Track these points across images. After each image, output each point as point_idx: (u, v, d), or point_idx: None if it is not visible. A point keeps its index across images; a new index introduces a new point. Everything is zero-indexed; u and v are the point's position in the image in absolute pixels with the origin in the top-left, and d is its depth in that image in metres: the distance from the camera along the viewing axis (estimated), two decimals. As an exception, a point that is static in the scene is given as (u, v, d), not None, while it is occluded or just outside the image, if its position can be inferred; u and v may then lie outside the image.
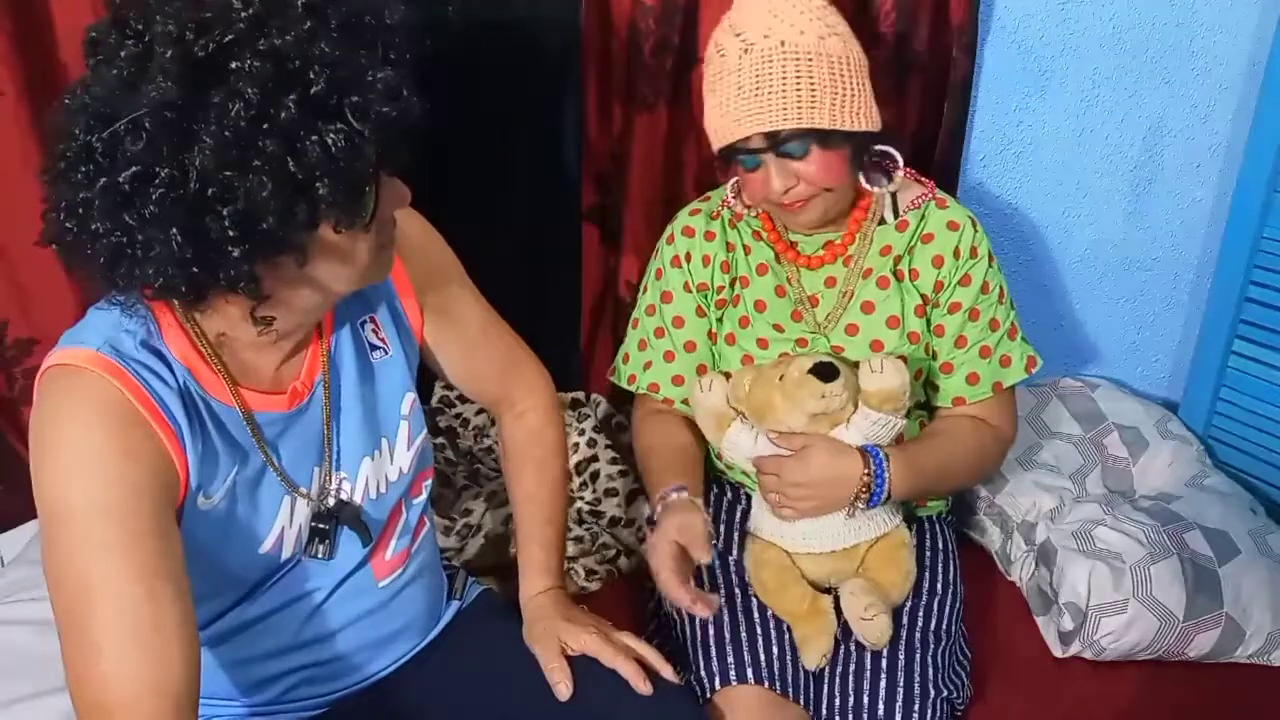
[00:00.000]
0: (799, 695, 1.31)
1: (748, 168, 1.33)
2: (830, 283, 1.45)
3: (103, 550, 0.88)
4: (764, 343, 1.45)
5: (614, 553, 1.66)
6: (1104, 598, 1.48)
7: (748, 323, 1.47)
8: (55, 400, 0.92)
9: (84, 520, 0.89)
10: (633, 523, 1.70)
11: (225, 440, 1.00)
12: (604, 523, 1.72)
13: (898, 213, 1.45)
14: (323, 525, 1.09)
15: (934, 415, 1.50)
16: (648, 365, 1.53)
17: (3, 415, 1.77)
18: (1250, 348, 1.88)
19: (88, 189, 0.82)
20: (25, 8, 1.54)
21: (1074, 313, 2.06)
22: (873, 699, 1.30)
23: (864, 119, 1.31)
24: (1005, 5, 1.79)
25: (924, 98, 1.79)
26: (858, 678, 1.32)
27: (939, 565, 1.48)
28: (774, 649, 1.33)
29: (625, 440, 1.84)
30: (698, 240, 1.49)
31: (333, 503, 1.10)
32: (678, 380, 1.51)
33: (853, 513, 1.36)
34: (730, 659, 1.31)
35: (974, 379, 1.45)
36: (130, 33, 0.83)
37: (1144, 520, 1.59)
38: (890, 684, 1.30)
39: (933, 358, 1.46)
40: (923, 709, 1.28)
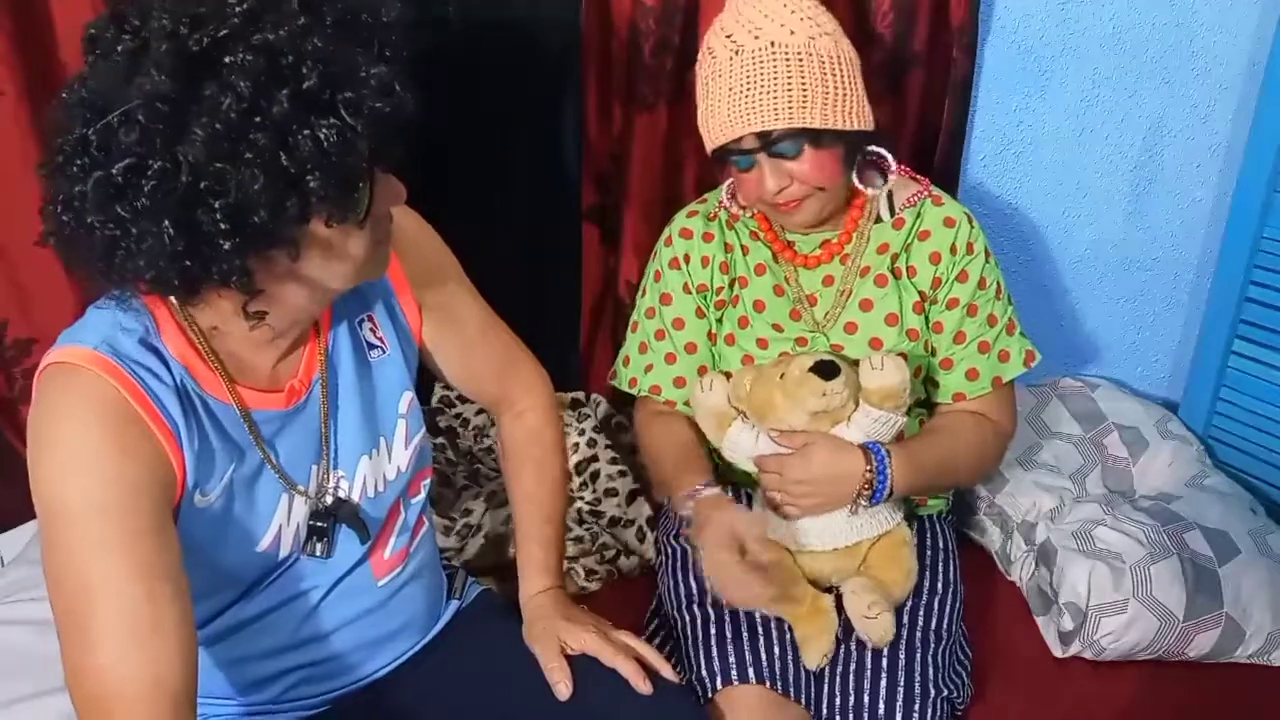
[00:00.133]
0: (800, 695, 1.30)
1: (741, 168, 1.34)
2: (828, 281, 1.45)
3: (101, 548, 0.89)
4: (763, 342, 1.45)
5: (614, 553, 1.66)
6: (1104, 598, 1.48)
7: (747, 323, 1.47)
8: (53, 398, 0.93)
9: (82, 518, 0.89)
10: (632, 523, 1.70)
11: (222, 438, 1.00)
12: (604, 523, 1.72)
13: (893, 210, 1.45)
14: (321, 523, 1.09)
15: (933, 412, 1.51)
16: (649, 368, 1.53)
17: (2, 415, 1.77)
18: (1250, 348, 1.88)
19: (82, 182, 0.82)
20: (25, 8, 1.54)
21: (1074, 313, 2.06)
22: (873, 698, 1.29)
23: (856, 118, 1.31)
24: (1005, 5, 1.79)
25: (924, 98, 1.79)
26: (858, 677, 1.32)
27: (939, 564, 1.48)
28: (775, 648, 1.32)
29: (625, 440, 1.84)
30: (696, 241, 1.49)
31: (331, 501, 1.10)
32: (679, 382, 1.51)
33: (855, 510, 1.36)
34: (731, 658, 1.30)
35: (973, 374, 1.45)
36: (128, 28, 0.83)
37: (1144, 520, 1.59)
38: (890, 683, 1.30)
39: (932, 354, 1.46)
40: (923, 708, 1.28)
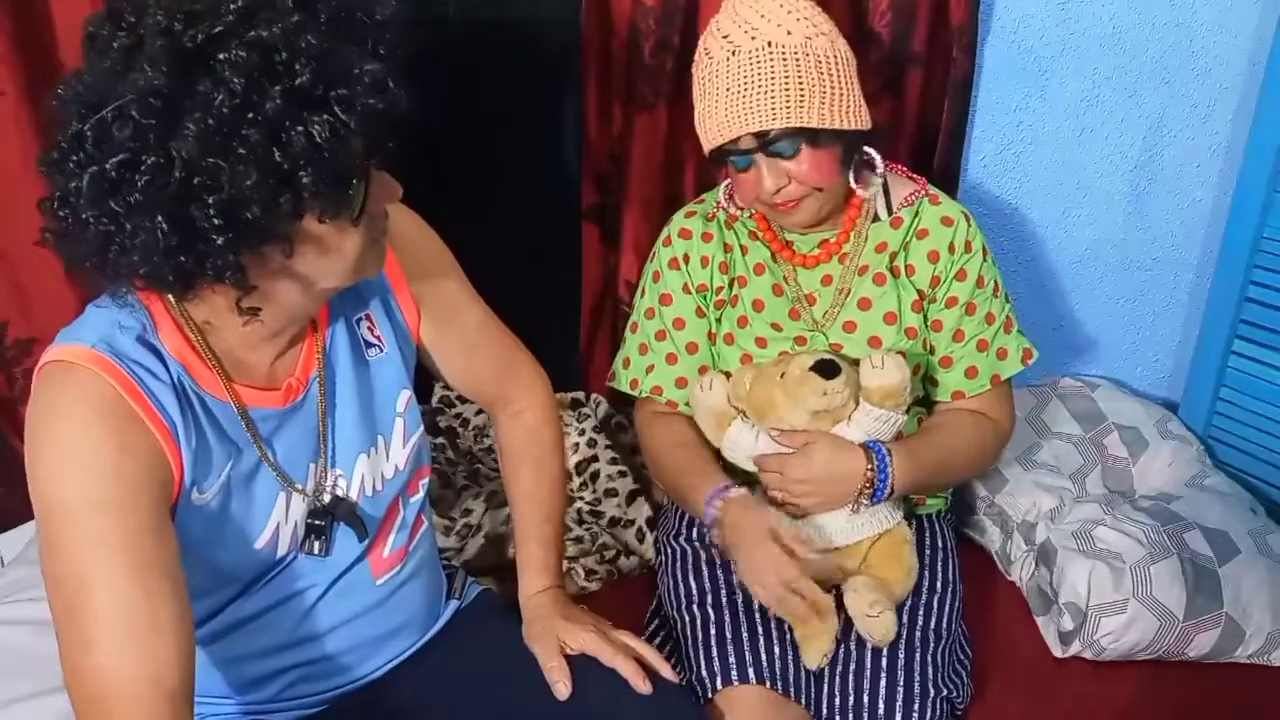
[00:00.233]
0: (800, 695, 1.30)
1: (739, 168, 1.34)
2: (827, 281, 1.45)
3: (99, 546, 0.89)
4: (763, 342, 1.45)
5: (614, 553, 1.66)
6: (1104, 598, 1.48)
7: (746, 322, 1.47)
8: (50, 395, 0.93)
9: (80, 516, 0.89)
10: (632, 523, 1.70)
11: (219, 436, 1.00)
12: (604, 523, 1.72)
13: (891, 209, 1.45)
14: (319, 521, 1.09)
15: (932, 410, 1.51)
16: (650, 369, 1.53)
17: (2, 415, 1.77)
18: (1250, 348, 1.88)
19: (78, 177, 0.82)
20: (25, 8, 1.54)
21: (1074, 313, 2.06)
22: (873, 698, 1.29)
23: (853, 118, 1.31)
24: (1005, 5, 1.79)
25: (924, 98, 1.79)
26: (858, 677, 1.32)
27: (938, 563, 1.48)
28: (775, 648, 1.32)
29: (625, 440, 1.84)
30: (695, 242, 1.49)
31: (329, 499, 1.10)
32: (681, 383, 1.50)
33: (857, 509, 1.36)
34: (731, 658, 1.30)
35: (972, 373, 1.45)
36: (123, 24, 0.84)
37: (1144, 520, 1.59)
38: (890, 683, 1.30)
39: (930, 352, 1.46)
40: (923, 708, 1.28)
